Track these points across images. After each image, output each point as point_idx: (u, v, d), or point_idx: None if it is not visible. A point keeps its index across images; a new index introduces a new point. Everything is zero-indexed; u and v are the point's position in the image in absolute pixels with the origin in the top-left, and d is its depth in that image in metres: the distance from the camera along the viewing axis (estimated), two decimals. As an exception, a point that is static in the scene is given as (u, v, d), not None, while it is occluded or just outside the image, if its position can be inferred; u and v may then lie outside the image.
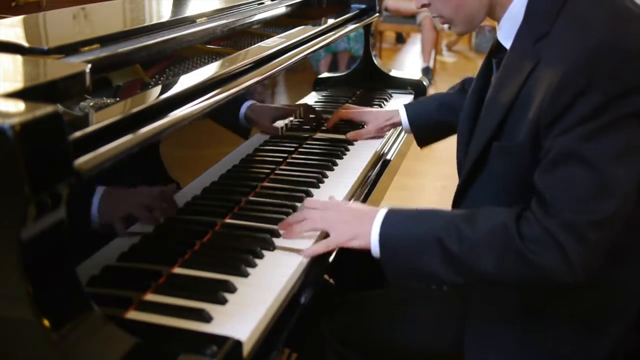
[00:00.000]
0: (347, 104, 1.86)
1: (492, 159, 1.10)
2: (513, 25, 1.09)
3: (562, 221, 0.96)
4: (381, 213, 1.08)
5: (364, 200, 1.41)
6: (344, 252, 1.15)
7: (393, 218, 1.07)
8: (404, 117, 1.65)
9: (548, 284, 1.00)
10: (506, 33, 1.12)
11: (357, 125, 1.72)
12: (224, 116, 1.26)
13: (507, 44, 1.12)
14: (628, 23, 0.98)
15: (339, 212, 1.12)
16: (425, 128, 1.64)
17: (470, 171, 1.16)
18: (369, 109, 1.78)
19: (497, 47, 1.17)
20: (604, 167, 0.94)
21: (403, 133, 1.78)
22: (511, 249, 0.98)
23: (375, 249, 1.06)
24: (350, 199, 1.35)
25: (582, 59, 0.94)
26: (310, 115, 1.73)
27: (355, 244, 1.09)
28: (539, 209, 0.99)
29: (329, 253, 1.12)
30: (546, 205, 0.98)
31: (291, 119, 1.60)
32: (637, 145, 0.95)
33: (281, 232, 1.14)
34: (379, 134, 1.70)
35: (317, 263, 1.10)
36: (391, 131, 1.76)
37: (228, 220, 1.19)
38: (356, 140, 1.67)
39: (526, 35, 1.05)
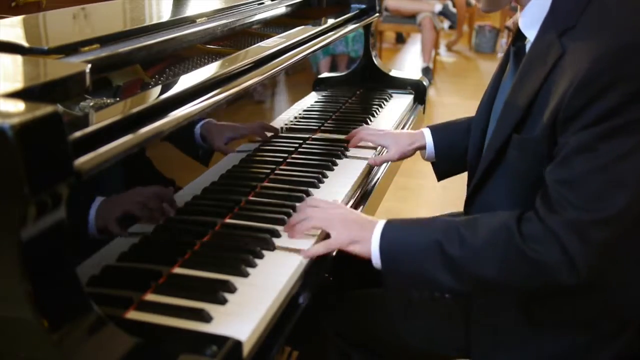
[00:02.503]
0: (367, 126, 1.71)
1: (511, 153, 1.09)
2: (537, 13, 1.07)
3: (566, 219, 0.95)
4: (381, 223, 1.08)
5: (364, 200, 1.41)
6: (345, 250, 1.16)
7: (393, 227, 1.07)
8: (429, 141, 1.48)
9: (550, 284, 0.99)
10: (529, 21, 1.10)
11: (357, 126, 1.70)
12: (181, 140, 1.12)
13: (528, 33, 1.11)
14: None
15: (340, 214, 1.12)
16: (452, 156, 1.46)
17: (489, 166, 1.14)
18: (389, 130, 1.61)
19: (517, 35, 1.15)
20: (615, 166, 0.93)
21: None
22: (512, 249, 0.98)
23: (376, 258, 1.06)
24: (350, 199, 1.35)
25: (607, 56, 0.93)
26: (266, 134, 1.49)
27: (356, 248, 1.08)
28: (543, 206, 0.98)
29: (329, 253, 1.12)
30: (551, 202, 0.97)
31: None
32: None
33: (283, 232, 1.14)
34: (402, 159, 1.54)
35: (317, 263, 1.10)
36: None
37: (228, 220, 1.19)
38: (376, 165, 1.54)
39: (551, 27, 1.03)
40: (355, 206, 1.35)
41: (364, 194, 1.43)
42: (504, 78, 1.21)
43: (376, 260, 1.07)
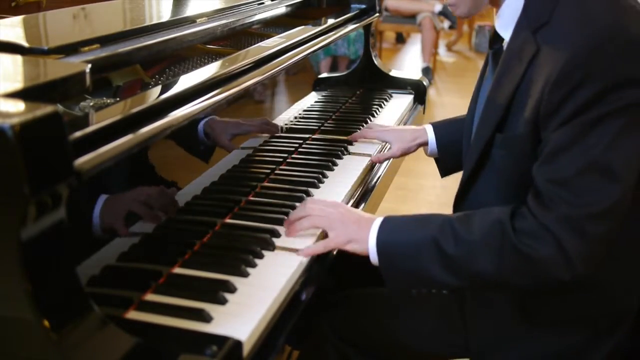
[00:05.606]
0: (372, 123, 1.75)
1: (495, 152, 1.09)
2: (512, 14, 1.07)
3: (558, 214, 0.95)
4: (378, 220, 1.08)
5: (364, 200, 1.41)
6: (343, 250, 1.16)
7: (389, 225, 1.07)
8: (431, 137, 1.50)
9: (546, 281, 0.98)
10: (504, 22, 1.11)
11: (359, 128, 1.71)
12: (183, 138, 1.13)
13: (504, 33, 1.11)
14: (628, 13, 0.97)
15: (338, 213, 1.11)
16: (454, 152, 1.43)
17: (475, 166, 1.14)
18: (392, 127, 1.66)
19: (495, 37, 1.16)
20: (600, 159, 0.93)
21: None
22: (507, 245, 0.97)
23: (374, 256, 1.06)
24: (350, 199, 1.35)
25: (581, 50, 0.93)
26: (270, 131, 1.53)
27: (353, 247, 1.08)
28: (535, 202, 0.98)
29: (329, 253, 1.12)
30: (542, 199, 0.97)
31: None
32: (634, 133, 0.94)
33: (282, 230, 1.14)
34: (404, 155, 1.57)
35: (317, 263, 1.10)
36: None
37: (228, 220, 1.19)
38: (379, 162, 1.57)
39: (525, 25, 1.03)
40: (356, 205, 1.36)
41: (364, 194, 1.43)
42: (484, 80, 1.22)
43: (374, 259, 1.06)
